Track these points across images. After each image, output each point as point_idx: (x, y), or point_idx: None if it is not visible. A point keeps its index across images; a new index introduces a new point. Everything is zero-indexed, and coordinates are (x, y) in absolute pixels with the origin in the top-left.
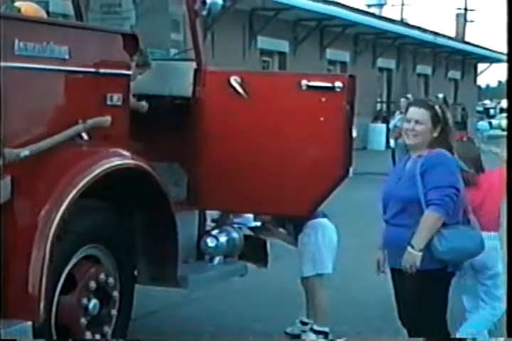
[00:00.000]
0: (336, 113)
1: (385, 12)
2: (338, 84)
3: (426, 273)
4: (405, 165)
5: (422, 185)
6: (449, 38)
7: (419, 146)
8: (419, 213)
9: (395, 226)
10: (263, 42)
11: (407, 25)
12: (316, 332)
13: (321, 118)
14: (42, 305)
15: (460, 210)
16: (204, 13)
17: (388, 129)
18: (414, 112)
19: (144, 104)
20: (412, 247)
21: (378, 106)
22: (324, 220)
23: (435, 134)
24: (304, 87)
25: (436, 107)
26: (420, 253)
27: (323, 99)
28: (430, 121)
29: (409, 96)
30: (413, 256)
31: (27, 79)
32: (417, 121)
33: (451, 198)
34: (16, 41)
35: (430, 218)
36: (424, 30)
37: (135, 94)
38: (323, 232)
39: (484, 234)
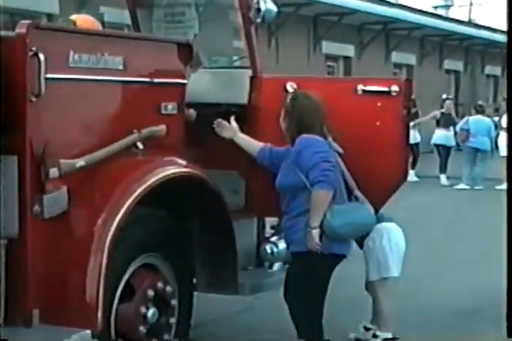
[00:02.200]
0: (393, 117)
1: (452, 13)
2: (395, 88)
3: (303, 253)
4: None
5: (300, 170)
6: None
7: (285, 135)
8: (306, 196)
9: (287, 215)
10: (328, 47)
11: (475, 25)
12: (379, 338)
13: (378, 123)
14: (100, 313)
15: (343, 189)
16: (259, 20)
17: (456, 132)
18: None
19: (192, 112)
20: (310, 227)
21: None
22: (390, 224)
23: (286, 123)
24: (360, 92)
25: (288, 99)
26: (317, 230)
27: (379, 104)
28: (283, 110)
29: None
30: (311, 235)
31: (82, 91)
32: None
33: (331, 171)
34: (71, 53)
35: (318, 195)
36: (493, 30)
37: (190, 103)
38: (389, 236)
39: None
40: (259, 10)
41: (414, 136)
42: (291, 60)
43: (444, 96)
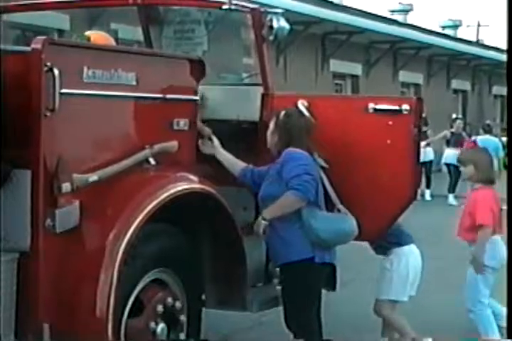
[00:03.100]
0: (403, 136)
1: (460, 33)
2: (406, 106)
3: (294, 263)
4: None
5: (282, 180)
6: None
7: (271, 148)
8: None
9: (271, 226)
10: (336, 65)
11: (482, 45)
12: None
13: (388, 142)
14: (110, 328)
15: (323, 203)
16: (271, 38)
17: None
18: None
19: (207, 129)
20: (262, 216)
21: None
22: (410, 248)
23: (276, 138)
24: (371, 110)
25: (281, 113)
26: (264, 222)
27: (390, 122)
28: (273, 124)
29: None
30: (258, 223)
31: (95, 106)
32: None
33: (310, 183)
34: (85, 69)
35: (287, 198)
36: (500, 50)
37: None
38: (408, 260)
39: None
40: (271, 27)
41: (428, 154)
42: (299, 78)
43: (454, 116)
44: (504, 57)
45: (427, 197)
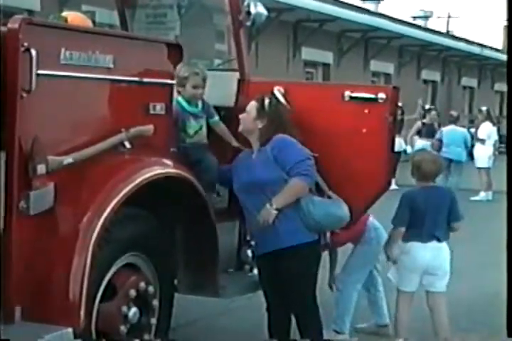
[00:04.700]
0: (379, 124)
1: (431, 24)
2: (381, 95)
3: (302, 246)
4: (251, 157)
5: (278, 165)
6: (496, 49)
7: (245, 134)
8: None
9: (257, 212)
10: (307, 53)
11: (453, 37)
12: None
13: (364, 130)
14: (82, 312)
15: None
16: (248, 23)
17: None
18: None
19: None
20: (271, 205)
21: None
22: (425, 245)
23: (259, 125)
24: (347, 98)
25: (266, 101)
26: (275, 212)
27: (366, 111)
28: (255, 111)
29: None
30: (269, 213)
31: (72, 88)
32: (245, 111)
33: (313, 168)
34: (62, 50)
35: (297, 184)
36: (470, 42)
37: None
38: (415, 255)
39: None
40: (249, 13)
41: (400, 144)
42: (271, 65)
43: (427, 106)
44: (474, 48)
45: (394, 186)
